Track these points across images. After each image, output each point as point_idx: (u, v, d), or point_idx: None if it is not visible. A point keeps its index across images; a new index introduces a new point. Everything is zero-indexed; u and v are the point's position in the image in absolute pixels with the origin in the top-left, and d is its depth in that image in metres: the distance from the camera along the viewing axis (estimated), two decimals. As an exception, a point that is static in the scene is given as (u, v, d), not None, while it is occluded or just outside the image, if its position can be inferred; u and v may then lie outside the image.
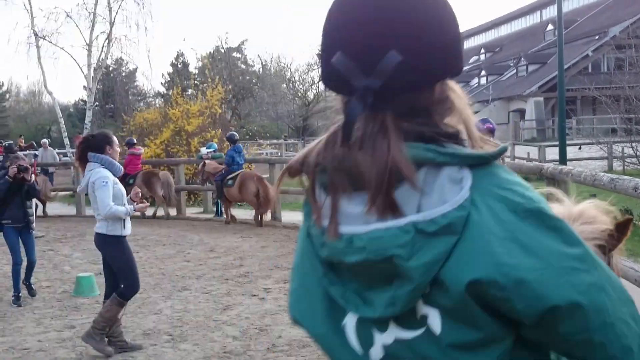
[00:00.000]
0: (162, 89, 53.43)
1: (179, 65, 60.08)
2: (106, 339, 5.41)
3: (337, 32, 1.00)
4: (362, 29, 0.96)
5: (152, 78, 44.87)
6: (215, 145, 16.35)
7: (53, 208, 16.25)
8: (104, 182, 5.25)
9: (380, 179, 0.93)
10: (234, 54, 48.61)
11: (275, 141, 40.73)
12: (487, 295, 0.92)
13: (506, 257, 0.91)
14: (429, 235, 0.92)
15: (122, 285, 5.39)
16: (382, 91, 0.94)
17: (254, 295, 7.33)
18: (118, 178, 5.55)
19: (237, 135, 14.68)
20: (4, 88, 72.94)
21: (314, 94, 48.60)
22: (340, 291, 1.03)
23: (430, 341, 0.97)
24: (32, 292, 7.46)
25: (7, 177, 7.16)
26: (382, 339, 1.02)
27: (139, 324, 6.30)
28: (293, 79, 49.54)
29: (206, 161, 14.24)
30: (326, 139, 1.02)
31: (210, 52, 42.38)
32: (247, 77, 46.94)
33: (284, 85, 49.67)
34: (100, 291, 7.64)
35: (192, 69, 53.75)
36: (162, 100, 41.91)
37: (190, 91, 32.89)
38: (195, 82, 34.91)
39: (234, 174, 12.97)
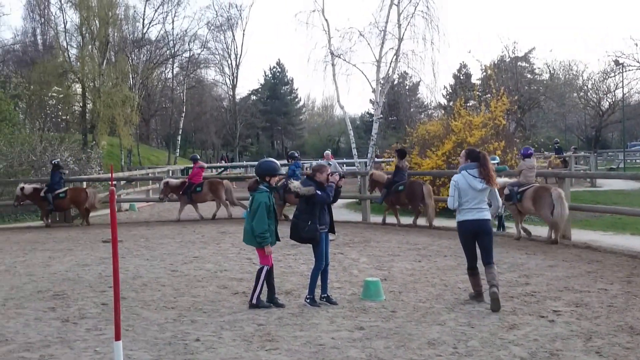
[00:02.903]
0: (444, 101, 53.98)
1: (462, 77, 60.24)
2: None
3: None
4: None
5: (435, 90, 45.58)
6: (498, 158, 15.95)
7: (341, 214, 17.36)
8: None
9: None
10: (520, 64, 47.02)
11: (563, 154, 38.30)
12: None
13: None
14: None
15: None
16: None
17: (543, 317, 6.89)
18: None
19: (297, 153, 16.96)
20: (301, 103, 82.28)
21: (609, 103, 44.53)
22: None
23: None
24: (332, 302, 7.66)
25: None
26: None
27: (424, 333, 6.34)
28: (585, 87, 45.99)
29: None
30: None
31: (494, 62, 41.53)
32: (534, 87, 44.94)
33: (575, 94, 46.36)
34: (385, 296, 7.92)
35: (475, 80, 53.41)
36: (444, 112, 42.22)
37: (472, 102, 32.67)
38: (478, 93, 34.56)
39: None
